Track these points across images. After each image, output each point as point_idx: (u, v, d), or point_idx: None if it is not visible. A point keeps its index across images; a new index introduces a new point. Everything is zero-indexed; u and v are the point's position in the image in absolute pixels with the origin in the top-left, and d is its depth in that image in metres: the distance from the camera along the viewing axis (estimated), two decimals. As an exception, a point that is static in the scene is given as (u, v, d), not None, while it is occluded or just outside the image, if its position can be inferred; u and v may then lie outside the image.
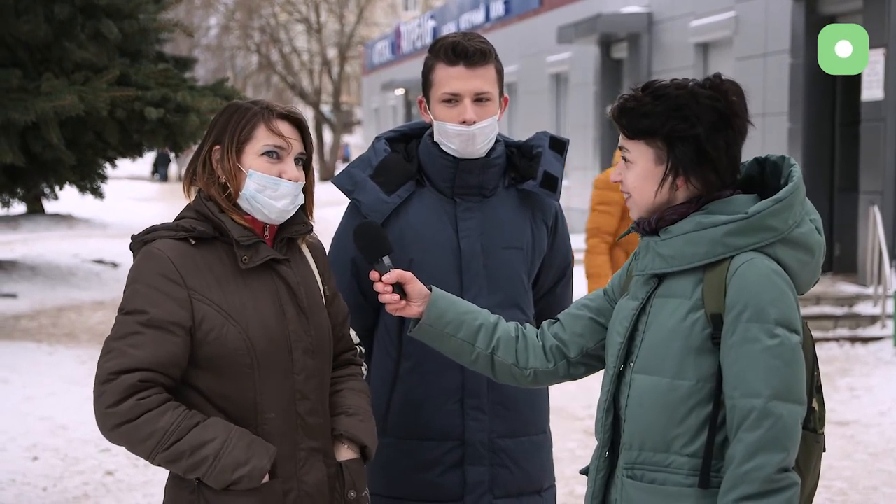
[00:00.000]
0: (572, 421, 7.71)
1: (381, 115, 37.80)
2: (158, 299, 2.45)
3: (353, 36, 45.66)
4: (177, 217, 2.60)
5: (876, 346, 10.53)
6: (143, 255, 2.51)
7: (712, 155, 2.37)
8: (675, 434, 2.36)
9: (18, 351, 9.51)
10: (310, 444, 2.58)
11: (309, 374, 2.58)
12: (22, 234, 19.75)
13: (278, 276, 2.58)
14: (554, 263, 3.23)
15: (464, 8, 27.41)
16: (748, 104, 2.44)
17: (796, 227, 2.37)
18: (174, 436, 2.40)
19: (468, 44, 2.97)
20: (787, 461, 2.27)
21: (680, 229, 2.39)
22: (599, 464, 2.52)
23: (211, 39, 47.56)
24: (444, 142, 3.03)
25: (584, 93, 20.00)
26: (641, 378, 2.41)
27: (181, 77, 11.95)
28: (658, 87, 2.41)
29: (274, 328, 2.53)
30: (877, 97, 12.01)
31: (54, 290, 13.56)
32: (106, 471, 6.37)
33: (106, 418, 2.42)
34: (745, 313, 2.30)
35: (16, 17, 10.34)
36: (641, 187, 2.44)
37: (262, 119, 2.56)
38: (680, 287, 2.40)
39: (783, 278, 2.34)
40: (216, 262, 2.52)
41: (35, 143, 10.65)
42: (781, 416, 2.26)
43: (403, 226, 3.04)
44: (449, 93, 2.98)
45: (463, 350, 2.70)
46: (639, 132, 2.41)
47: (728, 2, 15.22)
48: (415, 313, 2.70)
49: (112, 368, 2.42)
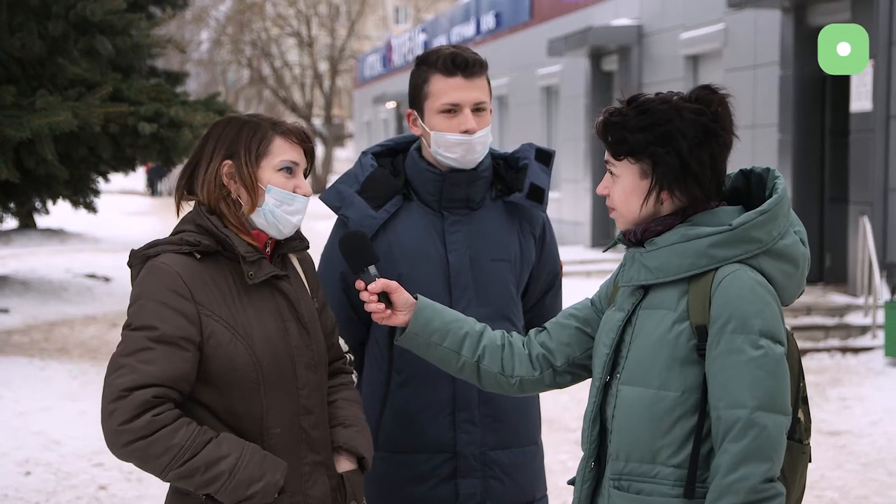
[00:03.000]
0: (564, 432, 7.73)
1: (372, 128, 37.83)
2: (168, 314, 2.44)
3: (344, 49, 45.71)
4: (175, 231, 2.58)
5: (867, 356, 10.56)
6: (148, 270, 2.49)
7: (696, 169, 2.38)
8: (661, 445, 2.37)
9: (10, 366, 9.50)
10: (313, 457, 2.59)
11: (312, 389, 2.60)
12: (13, 248, 19.73)
13: (279, 291, 2.58)
14: (542, 274, 3.24)
15: (455, 21, 27.48)
16: (737, 116, 2.47)
17: (780, 238, 2.39)
18: (189, 452, 2.38)
19: (467, 55, 3.00)
20: (772, 471, 2.28)
21: (665, 241, 2.40)
22: (585, 474, 2.54)
23: (202, 54, 47.58)
24: (442, 152, 3.03)
25: (575, 105, 20.06)
26: (627, 389, 2.42)
27: (173, 92, 11.99)
28: (642, 102, 2.42)
29: (277, 344, 2.54)
30: (866, 108, 12.07)
31: (46, 305, 13.54)
32: (99, 485, 6.36)
33: (119, 435, 2.38)
34: (730, 324, 2.31)
35: (10, 34, 10.36)
36: (627, 201, 2.46)
37: (278, 134, 2.57)
38: (665, 298, 2.41)
39: (767, 289, 2.36)
40: (221, 277, 2.52)
41: (29, 159, 10.66)
42: (766, 426, 2.28)
43: (391, 240, 3.06)
44: (449, 103, 2.98)
45: (449, 358, 2.71)
46: (621, 153, 2.43)
47: (717, 14, 15.29)
48: (401, 322, 2.71)
49: (124, 385, 2.39)
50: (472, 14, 25.97)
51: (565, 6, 20.49)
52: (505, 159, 3.19)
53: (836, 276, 13.06)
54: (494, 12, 24.37)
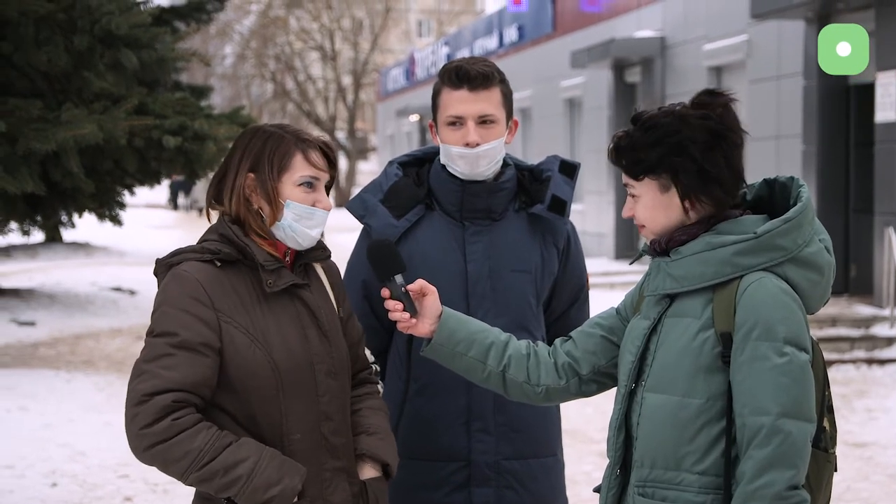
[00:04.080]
0: (588, 444, 7.72)
1: (395, 141, 37.92)
2: (188, 321, 2.48)
3: (367, 63, 45.87)
4: (200, 240, 2.63)
5: (893, 367, 10.49)
6: (170, 278, 2.54)
7: (713, 173, 2.41)
8: (686, 452, 2.39)
9: (37, 378, 9.56)
10: (334, 464, 2.61)
11: (332, 396, 2.62)
12: (40, 262, 19.86)
13: (299, 300, 2.61)
14: (567, 286, 3.24)
15: (477, 34, 27.53)
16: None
17: (805, 246, 2.40)
18: (208, 455, 2.42)
19: (471, 67, 3.01)
20: (796, 478, 2.29)
21: (690, 250, 2.42)
22: (611, 481, 2.55)
23: (226, 68, 47.86)
24: (450, 164, 3.07)
25: (598, 117, 20.05)
26: (652, 396, 2.44)
27: (198, 105, 12.04)
28: (647, 119, 2.46)
29: (297, 351, 2.57)
30: (890, 119, 12.02)
31: (72, 318, 13.63)
32: (125, 496, 6.40)
33: (140, 439, 2.43)
34: (755, 331, 2.33)
35: (36, 47, 10.44)
36: (653, 217, 2.49)
37: (300, 149, 2.60)
38: (690, 307, 2.43)
39: (792, 297, 2.37)
40: (241, 284, 2.56)
41: (55, 172, 10.73)
42: (790, 433, 2.29)
43: (412, 249, 3.07)
44: (453, 115, 3.03)
45: (475, 368, 2.73)
46: (639, 172, 2.46)
47: (741, 25, 15.27)
48: (424, 332, 2.73)
49: (146, 390, 2.44)
50: (494, 27, 26.02)
51: (588, 18, 20.50)
52: (530, 171, 3.21)
53: (862, 288, 12.99)
54: (517, 25, 24.41)
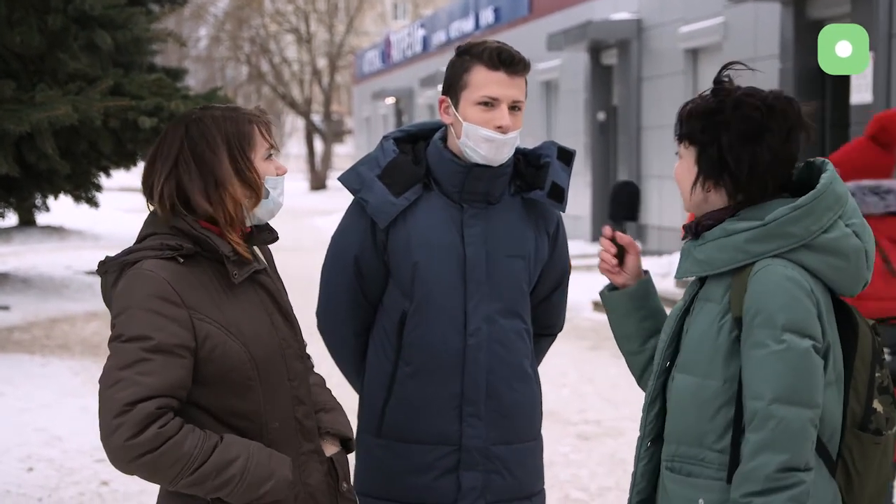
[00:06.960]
0: (565, 426, 7.73)
1: (372, 124, 37.82)
2: (161, 323, 2.39)
3: (342, 45, 45.73)
4: (145, 234, 2.52)
5: None
6: (133, 279, 2.43)
7: (732, 166, 2.43)
8: (707, 430, 2.45)
9: (12, 363, 9.50)
10: (308, 446, 2.60)
11: (301, 379, 2.61)
12: (14, 246, 19.72)
13: (260, 286, 2.57)
14: (553, 272, 3.23)
15: (453, 16, 27.47)
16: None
17: (822, 232, 2.39)
18: (198, 460, 2.36)
19: (512, 51, 2.99)
20: (791, 461, 2.33)
21: (711, 236, 2.47)
22: (641, 453, 2.63)
23: (201, 50, 47.57)
24: (471, 145, 3.00)
25: (575, 99, 20.06)
26: (680, 376, 2.51)
27: (175, 86, 11.95)
28: (719, 88, 2.48)
29: (267, 338, 2.53)
30: (866, 101, 12.07)
31: (47, 302, 13.54)
32: (101, 481, 6.36)
33: (126, 451, 2.33)
34: (757, 318, 2.37)
35: (9, 28, 10.33)
36: (682, 182, 2.55)
37: (257, 124, 2.55)
38: (714, 291, 2.49)
39: (798, 284, 2.38)
40: (206, 278, 2.48)
41: (29, 154, 10.64)
42: (784, 418, 2.33)
43: (410, 229, 3.04)
44: (488, 96, 2.96)
45: (635, 337, 2.74)
46: (680, 134, 2.51)
47: (717, 7, 15.29)
48: (621, 282, 2.75)
49: (126, 399, 2.33)
50: (470, 9, 25.96)
51: (564, 0, 20.48)
52: (525, 155, 3.16)
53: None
54: (493, 7, 24.37)
